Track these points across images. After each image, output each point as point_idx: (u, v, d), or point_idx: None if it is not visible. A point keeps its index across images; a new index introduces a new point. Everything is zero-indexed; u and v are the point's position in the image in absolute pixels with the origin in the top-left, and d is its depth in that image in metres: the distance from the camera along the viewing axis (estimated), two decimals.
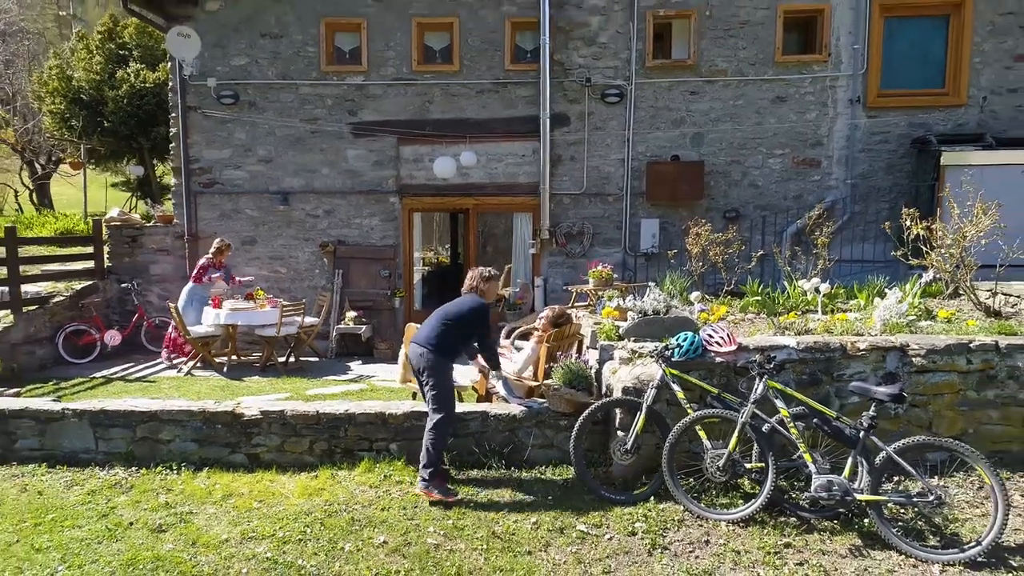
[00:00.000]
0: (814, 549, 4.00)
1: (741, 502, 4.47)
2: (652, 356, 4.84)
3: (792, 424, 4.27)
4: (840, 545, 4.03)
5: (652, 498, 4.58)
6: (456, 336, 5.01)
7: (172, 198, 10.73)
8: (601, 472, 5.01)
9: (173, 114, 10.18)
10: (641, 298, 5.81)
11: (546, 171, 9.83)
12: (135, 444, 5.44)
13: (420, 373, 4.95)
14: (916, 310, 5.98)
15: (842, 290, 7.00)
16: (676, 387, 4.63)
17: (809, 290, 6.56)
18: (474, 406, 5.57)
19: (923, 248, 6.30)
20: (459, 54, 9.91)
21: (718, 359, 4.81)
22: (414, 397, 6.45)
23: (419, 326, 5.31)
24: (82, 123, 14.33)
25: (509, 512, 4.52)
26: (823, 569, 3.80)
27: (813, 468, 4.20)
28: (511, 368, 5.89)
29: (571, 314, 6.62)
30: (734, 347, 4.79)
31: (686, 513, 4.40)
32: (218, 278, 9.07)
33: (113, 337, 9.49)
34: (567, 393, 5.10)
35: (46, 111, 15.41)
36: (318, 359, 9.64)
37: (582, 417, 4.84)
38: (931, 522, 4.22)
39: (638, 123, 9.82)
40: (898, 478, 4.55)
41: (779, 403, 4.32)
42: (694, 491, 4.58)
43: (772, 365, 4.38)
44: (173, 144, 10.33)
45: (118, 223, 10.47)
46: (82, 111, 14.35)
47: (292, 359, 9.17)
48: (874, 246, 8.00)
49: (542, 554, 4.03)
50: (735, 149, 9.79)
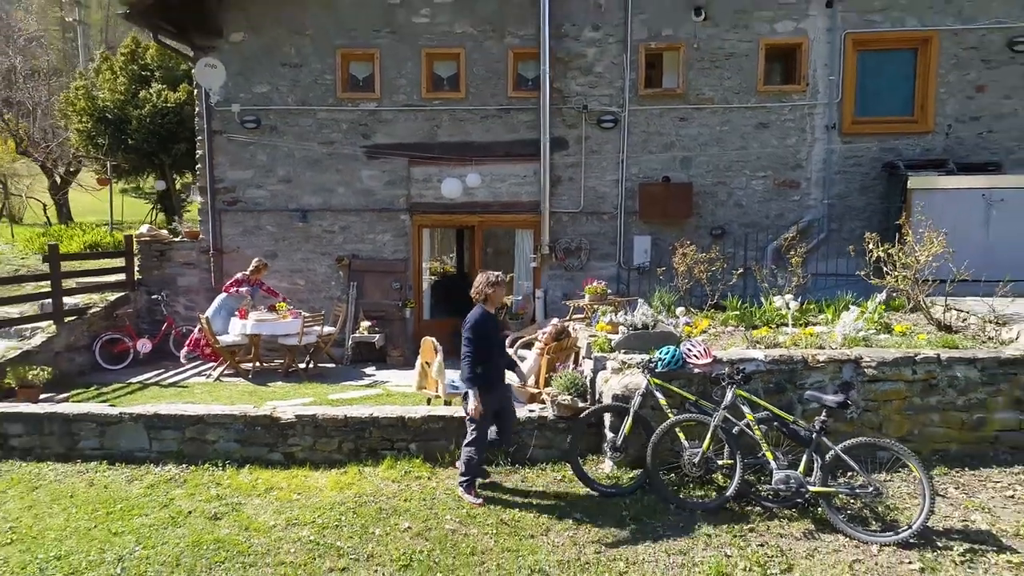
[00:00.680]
0: (774, 533, 4.71)
1: (714, 494, 5.20)
2: (639, 367, 5.56)
3: (757, 427, 5.00)
4: (796, 530, 4.74)
5: (638, 491, 5.30)
6: (473, 358, 5.25)
7: (189, 210, 11.39)
8: (595, 469, 5.73)
9: (200, 137, 10.89)
10: (631, 313, 6.54)
11: (546, 191, 10.51)
12: (184, 444, 6.17)
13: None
14: (876, 324, 6.72)
15: (813, 305, 7.73)
16: (659, 395, 5.35)
17: (782, 306, 7.31)
18: None
19: (883, 268, 7.06)
20: (465, 82, 10.60)
21: (696, 370, 5.53)
22: (428, 402, 7.18)
23: (435, 340, 6.01)
24: (107, 141, 15.02)
25: (515, 502, 5.24)
26: (780, 549, 4.50)
27: (774, 464, 4.91)
28: (516, 379, 6.60)
29: (570, 328, 7.37)
30: (710, 360, 5.50)
31: (667, 503, 5.11)
32: (247, 292, 9.81)
33: (145, 345, 10.23)
34: (565, 399, 5.85)
35: (73, 129, 16.10)
36: (335, 365, 10.34)
37: (578, 420, 5.62)
38: (875, 511, 4.90)
39: (631, 147, 10.51)
40: (850, 473, 5.23)
41: (745, 409, 5.05)
42: (674, 484, 5.31)
43: (740, 376, 5.10)
44: (199, 165, 11.04)
45: (147, 238, 11.19)
46: (107, 129, 15.04)
47: (312, 365, 9.91)
48: (848, 261, 8.72)
49: (543, 537, 4.74)
50: (721, 171, 10.48)
